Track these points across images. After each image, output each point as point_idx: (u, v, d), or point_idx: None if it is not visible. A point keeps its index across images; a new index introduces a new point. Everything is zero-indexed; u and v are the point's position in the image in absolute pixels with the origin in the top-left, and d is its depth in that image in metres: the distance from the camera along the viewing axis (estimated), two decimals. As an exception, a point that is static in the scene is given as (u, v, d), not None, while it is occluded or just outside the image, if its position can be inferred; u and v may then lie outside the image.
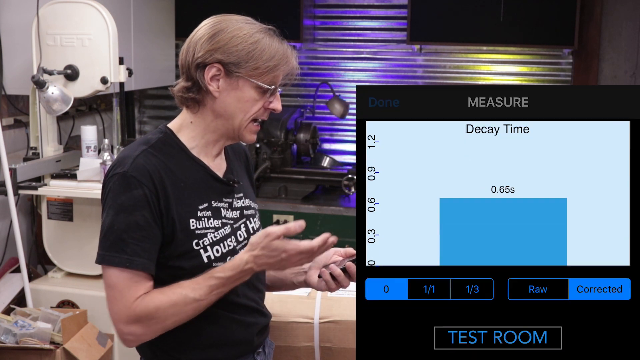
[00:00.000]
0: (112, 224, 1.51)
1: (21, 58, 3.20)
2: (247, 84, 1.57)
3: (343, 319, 2.02)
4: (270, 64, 1.57)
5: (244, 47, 1.55)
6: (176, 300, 1.50)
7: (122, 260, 1.49)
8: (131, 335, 1.52)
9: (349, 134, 4.64)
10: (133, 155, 1.55)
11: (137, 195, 1.50)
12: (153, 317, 1.50)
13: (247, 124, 1.60)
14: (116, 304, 1.52)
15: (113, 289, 1.52)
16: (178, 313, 1.51)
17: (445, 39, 4.17)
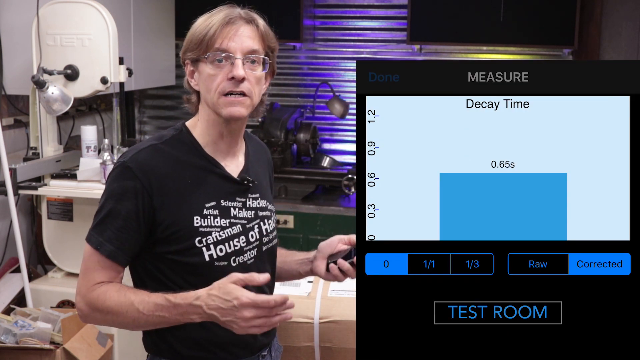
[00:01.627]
0: (101, 207, 1.58)
1: (21, 58, 3.20)
2: (201, 63, 1.58)
3: (343, 319, 2.02)
4: (200, 35, 1.57)
5: (191, 32, 1.61)
6: (122, 304, 1.53)
7: (96, 242, 1.57)
8: (80, 312, 1.61)
9: (349, 134, 4.64)
10: (138, 148, 1.60)
11: (128, 186, 1.54)
12: (98, 309, 1.56)
13: (217, 100, 1.57)
14: (81, 279, 1.61)
15: (84, 265, 1.61)
16: (119, 315, 1.54)
17: (445, 39, 4.17)
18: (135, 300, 1.52)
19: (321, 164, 4.46)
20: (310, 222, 3.84)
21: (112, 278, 1.58)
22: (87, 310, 1.58)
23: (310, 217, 3.83)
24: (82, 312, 1.60)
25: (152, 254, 1.59)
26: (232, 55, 1.55)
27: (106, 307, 1.54)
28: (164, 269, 1.59)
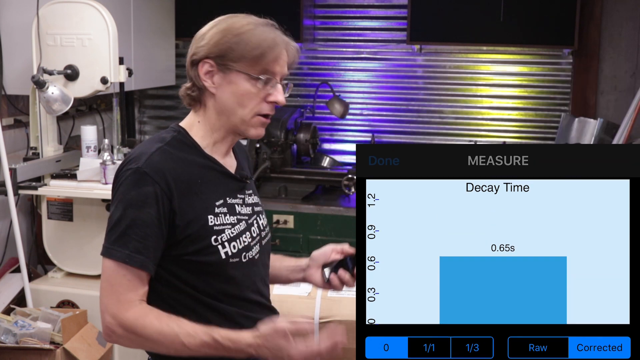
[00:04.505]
0: (119, 218, 1.52)
1: (21, 58, 3.20)
2: (240, 76, 1.57)
3: (343, 319, 2.02)
4: (256, 52, 1.56)
5: (229, 39, 1.56)
6: (165, 334, 1.49)
7: (122, 255, 1.50)
8: (111, 332, 1.52)
9: (349, 134, 4.64)
10: (149, 152, 1.55)
11: (147, 192, 1.51)
12: (136, 333, 1.50)
13: (250, 119, 1.60)
14: (108, 297, 1.52)
15: (109, 282, 1.52)
16: (160, 344, 1.51)
17: (445, 39, 4.17)
18: (180, 332, 1.49)
19: (321, 164, 4.46)
20: (310, 222, 3.84)
21: (142, 294, 1.53)
22: (121, 331, 1.51)
23: (310, 217, 3.83)
24: (113, 333, 1.52)
25: (168, 257, 1.56)
26: (275, 79, 1.60)
27: (146, 334, 1.50)
28: (179, 272, 1.57)
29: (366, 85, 4.58)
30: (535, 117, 4.41)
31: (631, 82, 4.18)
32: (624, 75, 4.21)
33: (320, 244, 1.80)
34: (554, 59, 4.33)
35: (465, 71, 4.46)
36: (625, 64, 4.20)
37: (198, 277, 1.57)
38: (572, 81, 4.29)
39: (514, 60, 4.39)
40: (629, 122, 3.32)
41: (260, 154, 4.04)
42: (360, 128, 4.62)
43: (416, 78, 4.52)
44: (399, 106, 4.56)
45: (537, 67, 4.37)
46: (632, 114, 3.30)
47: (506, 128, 4.44)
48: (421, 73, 4.51)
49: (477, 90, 4.45)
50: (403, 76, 4.53)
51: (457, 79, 4.47)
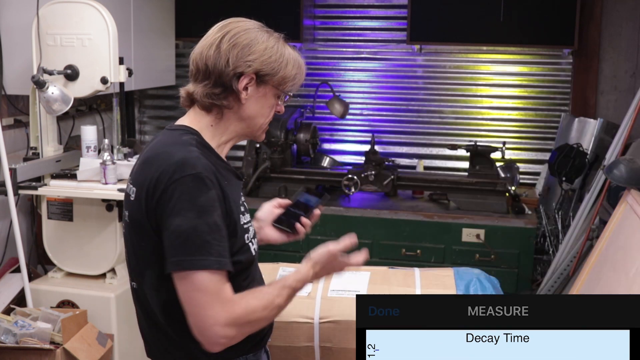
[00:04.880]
0: (195, 226, 1.47)
1: (21, 58, 3.20)
2: (272, 91, 1.66)
3: (343, 319, 2.02)
4: (293, 73, 1.68)
5: (275, 59, 1.64)
6: (266, 304, 1.56)
7: (211, 263, 1.48)
8: (225, 338, 1.50)
9: (349, 134, 4.65)
10: (195, 156, 1.54)
11: (213, 196, 1.51)
12: (249, 320, 1.53)
13: (266, 126, 1.71)
14: (211, 307, 1.48)
15: (205, 293, 1.48)
16: (266, 318, 1.57)
17: (445, 39, 4.17)
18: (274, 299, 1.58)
19: (321, 164, 4.46)
20: (310, 222, 3.83)
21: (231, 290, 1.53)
22: (235, 331, 1.51)
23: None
24: (227, 337, 1.50)
25: None
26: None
27: (256, 317, 1.54)
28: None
29: (366, 85, 4.58)
30: (535, 117, 4.41)
31: (631, 82, 4.18)
32: (624, 75, 4.21)
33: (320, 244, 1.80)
34: (554, 59, 4.33)
35: (465, 71, 4.46)
36: (625, 64, 4.20)
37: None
38: (572, 81, 4.29)
39: (514, 60, 4.39)
40: (629, 122, 3.32)
41: (260, 154, 4.04)
42: (360, 128, 4.62)
43: (416, 78, 4.52)
44: (399, 106, 4.56)
45: (537, 67, 4.37)
46: (632, 114, 3.30)
47: (506, 128, 4.44)
48: (421, 73, 4.51)
49: (477, 90, 4.45)
50: (403, 76, 4.53)
51: (457, 79, 4.47)
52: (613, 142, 3.43)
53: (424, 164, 4.51)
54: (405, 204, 3.97)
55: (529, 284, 3.74)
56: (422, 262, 3.70)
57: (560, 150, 3.88)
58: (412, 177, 4.02)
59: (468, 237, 3.72)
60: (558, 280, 3.52)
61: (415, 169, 4.45)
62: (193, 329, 1.51)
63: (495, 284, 2.15)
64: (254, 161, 4.04)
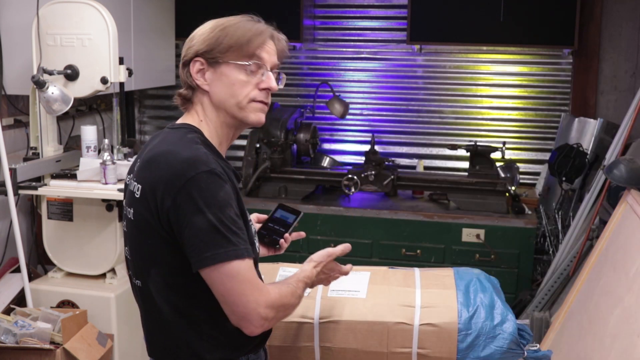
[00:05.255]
0: (221, 220, 1.48)
1: (21, 58, 3.20)
2: (229, 67, 1.60)
3: (343, 319, 2.02)
4: (243, 40, 1.60)
5: (215, 34, 1.60)
6: (293, 291, 1.62)
7: (242, 252, 1.50)
8: (266, 320, 1.54)
9: (349, 134, 4.65)
10: (203, 153, 1.54)
11: (229, 190, 1.53)
12: (283, 303, 1.58)
13: (246, 104, 1.63)
14: (251, 293, 1.51)
15: (242, 280, 1.50)
16: (294, 305, 1.63)
17: (445, 39, 4.17)
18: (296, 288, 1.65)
19: (321, 164, 4.46)
20: (310, 222, 3.83)
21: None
22: (274, 313, 1.55)
23: (310, 217, 3.83)
24: (268, 318, 1.54)
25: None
26: (265, 66, 1.63)
27: (288, 302, 1.60)
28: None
29: (366, 85, 4.59)
30: (535, 117, 4.41)
31: (631, 82, 4.18)
32: (624, 75, 4.21)
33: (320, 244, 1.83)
34: (554, 59, 4.33)
35: (465, 71, 4.46)
36: (625, 64, 4.20)
37: None
38: (572, 81, 4.29)
39: (514, 60, 4.39)
40: (629, 122, 3.31)
41: (260, 154, 4.04)
42: (360, 128, 4.63)
43: (416, 78, 4.52)
44: (399, 106, 4.56)
45: (537, 67, 4.37)
46: (632, 114, 3.30)
47: (506, 128, 4.44)
48: (421, 73, 4.51)
49: (477, 90, 4.45)
50: (403, 76, 4.53)
51: (457, 79, 4.47)
52: (613, 142, 3.43)
53: (424, 164, 4.51)
54: (405, 204, 3.97)
55: (529, 284, 3.74)
56: (422, 262, 3.70)
57: (560, 150, 3.88)
58: (412, 177, 4.02)
59: (468, 237, 3.72)
60: (558, 280, 3.52)
61: (415, 169, 4.45)
62: (232, 318, 1.53)
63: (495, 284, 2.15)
64: (254, 161, 4.04)
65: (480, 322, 1.97)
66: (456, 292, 2.07)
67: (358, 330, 2.00)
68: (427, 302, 2.03)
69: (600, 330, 2.30)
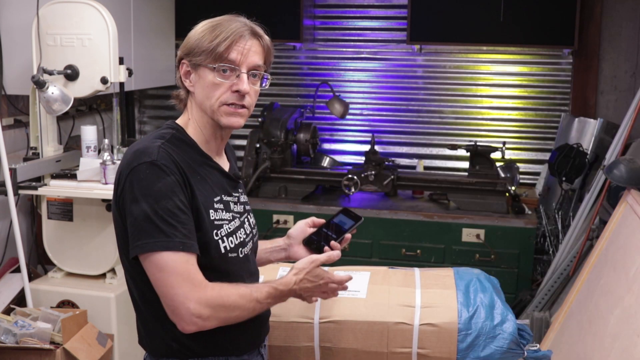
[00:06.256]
0: (155, 211, 1.50)
1: (21, 58, 3.20)
2: (205, 70, 1.61)
3: (343, 319, 2.02)
4: (213, 44, 1.59)
5: (196, 37, 1.62)
6: (244, 295, 1.56)
7: (175, 244, 1.50)
8: (199, 317, 1.51)
9: (349, 134, 4.65)
10: (155, 146, 1.57)
11: (171, 182, 1.53)
12: (223, 304, 1.53)
13: (217, 108, 1.62)
14: (180, 286, 1.50)
15: (171, 273, 1.50)
16: (242, 307, 1.56)
17: (445, 39, 4.17)
18: (251, 290, 1.58)
19: (321, 164, 4.46)
20: (310, 222, 3.83)
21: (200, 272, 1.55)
22: (209, 311, 1.52)
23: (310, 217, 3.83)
24: (201, 317, 1.51)
25: None
26: (238, 68, 1.60)
27: (231, 301, 1.54)
28: None
29: (366, 85, 4.59)
30: (535, 117, 4.41)
31: (631, 82, 4.18)
32: (624, 75, 4.21)
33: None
34: (554, 59, 4.33)
35: (465, 71, 4.46)
36: (625, 64, 4.20)
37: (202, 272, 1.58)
38: (572, 81, 4.29)
39: (514, 60, 4.39)
40: (629, 122, 3.31)
41: (260, 154, 4.04)
42: (360, 128, 4.63)
43: (416, 78, 4.52)
44: (399, 106, 4.56)
45: (537, 67, 4.37)
46: (632, 114, 3.30)
47: (506, 128, 4.44)
48: (421, 73, 4.51)
49: (477, 90, 4.45)
50: (403, 76, 4.53)
51: (457, 79, 4.47)
52: (613, 142, 3.43)
53: (424, 164, 4.51)
54: (405, 204, 3.97)
55: (529, 284, 3.74)
56: (422, 262, 3.70)
57: (560, 150, 3.88)
58: (412, 177, 4.02)
59: (468, 237, 3.72)
60: (558, 280, 3.52)
61: (415, 169, 4.45)
62: (167, 311, 1.53)
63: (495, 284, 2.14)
64: (254, 161, 4.04)
65: (480, 322, 1.97)
66: (456, 292, 2.07)
67: (358, 330, 2.00)
68: (427, 302, 2.03)
69: (600, 330, 2.30)
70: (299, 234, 1.90)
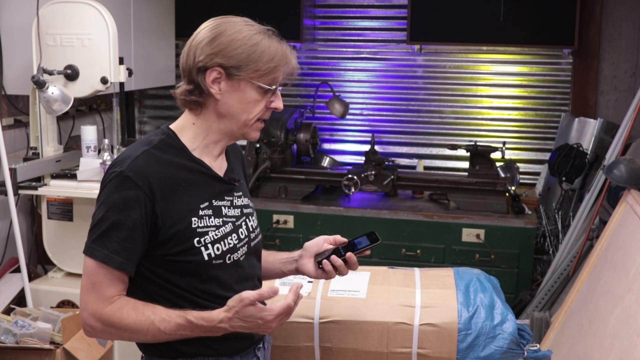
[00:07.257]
0: (101, 219, 1.55)
1: (21, 58, 3.20)
2: (249, 85, 1.60)
3: (343, 319, 2.02)
4: (271, 65, 1.60)
5: (243, 50, 1.58)
6: (142, 323, 1.54)
7: (102, 255, 1.54)
8: (90, 327, 1.58)
9: (349, 134, 4.65)
10: (133, 156, 1.58)
11: (130, 196, 1.54)
12: (114, 326, 1.56)
13: (253, 124, 1.64)
14: (87, 294, 1.57)
15: (89, 280, 1.57)
16: (138, 333, 1.56)
17: (445, 39, 4.17)
18: (155, 319, 1.54)
19: (321, 164, 4.46)
20: (310, 222, 3.84)
21: (121, 290, 1.57)
22: (100, 326, 1.56)
23: (310, 217, 3.83)
24: (92, 328, 1.57)
25: (151, 257, 1.59)
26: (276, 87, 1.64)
27: (124, 324, 1.55)
28: (162, 271, 1.60)
29: (366, 85, 4.59)
30: (535, 117, 4.41)
31: (631, 82, 4.18)
32: (624, 75, 4.21)
33: (320, 244, 1.80)
34: (554, 59, 4.33)
35: (465, 71, 4.46)
36: (625, 64, 4.20)
37: (180, 277, 1.61)
38: (572, 81, 4.29)
39: (514, 60, 4.39)
40: (629, 122, 3.31)
41: (260, 154, 4.04)
42: (360, 128, 4.63)
43: (416, 78, 4.52)
44: (399, 106, 4.56)
45: (537, 67, 4.37)
46: (632, 114, 3.30)
47: (506, 128, 4.44)
48: (421, 73, 4.51)
49: (477, 90, 4.45)
50: (403, 76, 4.53)
51: (457, 79, 4.47)
52: (613, 142, 3.43)
53: (424, 164, 4.51)
54: (405, 204, 3.97)
55: (529, 284, 3.74)
56: (422, 262, 3.70)
57: (560, 150, 3.88)
58: (412, 177, 4.02)
59: (468, 237, 3.72)
60: (558, 280, 3.52)
61: (415, 169, 4.45)
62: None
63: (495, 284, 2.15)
64: (254, 161, 4.04)
65: (480, 322, 1.97)
66: (456, 292, 2.07)
67: (358, 330, 2.00)
68: (427, 302, 2.03)
69: (600, 330, 2.30)
70: (313, 247, 1.83)
